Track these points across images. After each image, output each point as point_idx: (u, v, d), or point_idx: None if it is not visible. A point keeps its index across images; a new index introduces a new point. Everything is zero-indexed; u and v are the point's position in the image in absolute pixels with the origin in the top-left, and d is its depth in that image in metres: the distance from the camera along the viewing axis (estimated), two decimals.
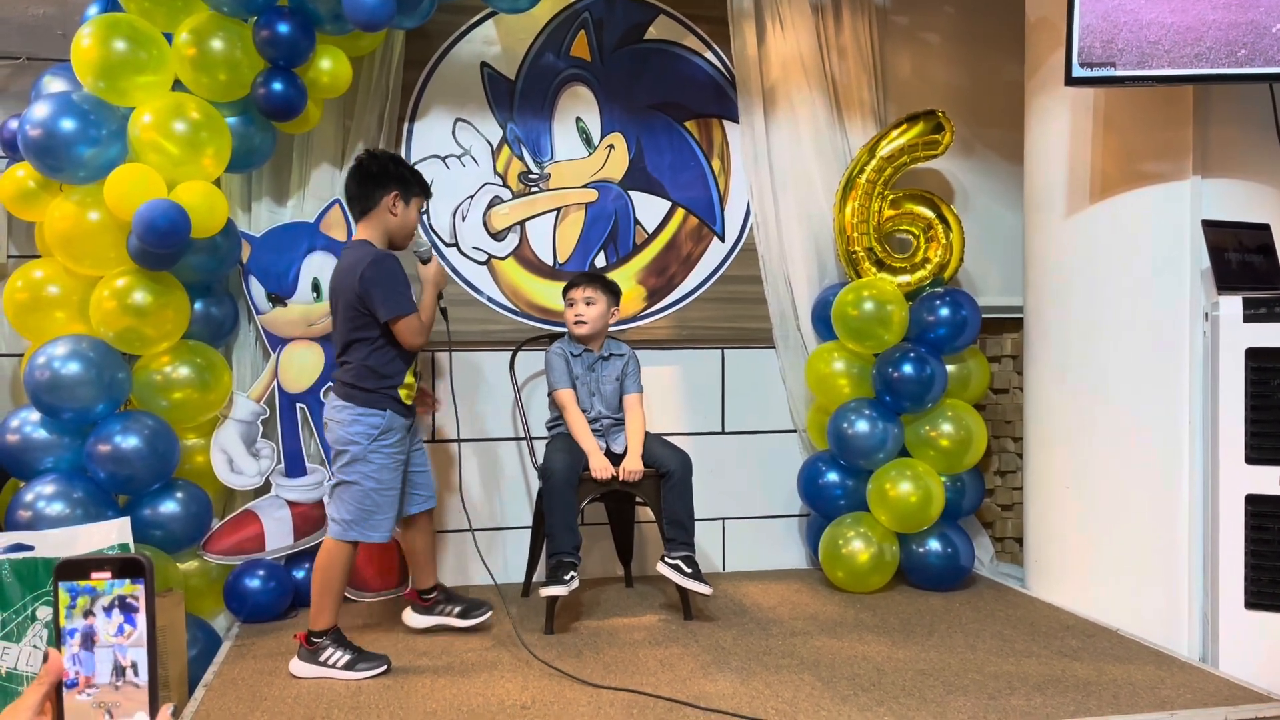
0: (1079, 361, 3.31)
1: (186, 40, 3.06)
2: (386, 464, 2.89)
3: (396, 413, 2.92)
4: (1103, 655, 2.89)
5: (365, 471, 2.86)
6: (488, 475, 3.85)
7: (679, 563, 3.20)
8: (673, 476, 3.26)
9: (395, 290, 2.85)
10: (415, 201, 2.99)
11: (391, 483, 2.91)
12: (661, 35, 3.98)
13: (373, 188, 2.94)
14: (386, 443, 2.89)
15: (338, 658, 2.79)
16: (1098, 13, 2.90)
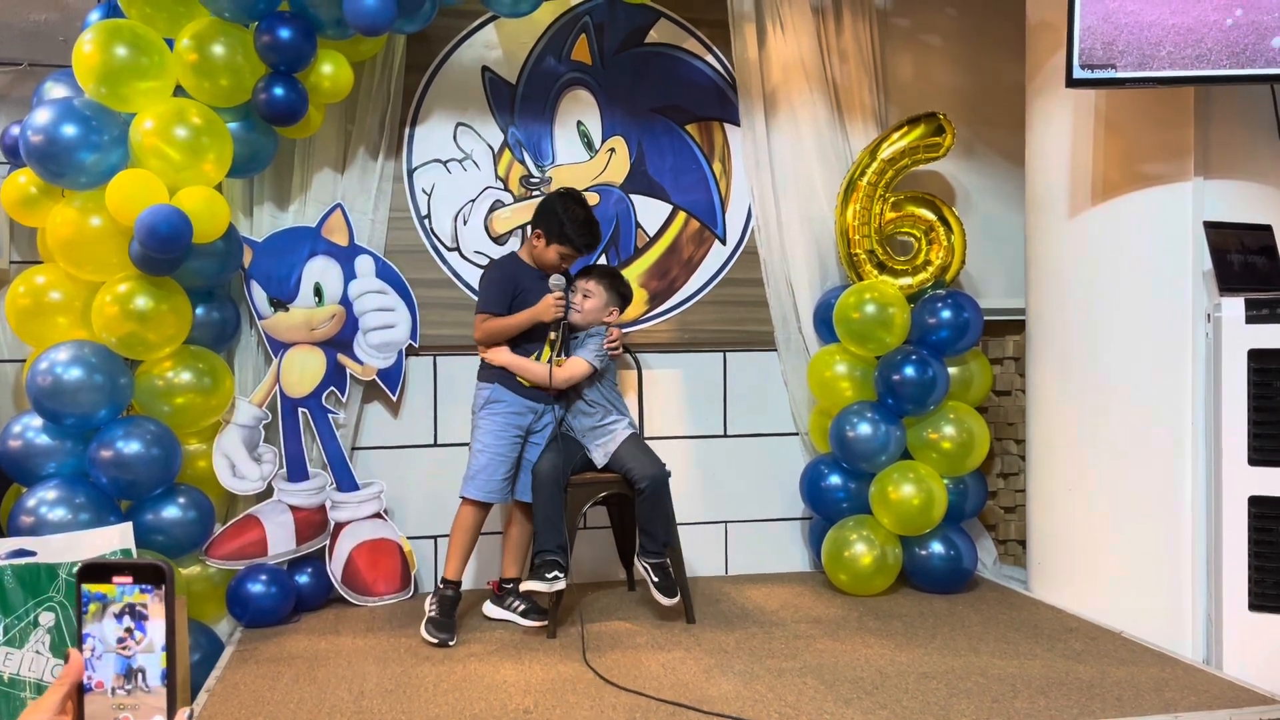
0: (1081, 363, 3.31)
1: (188, 46, 3.07)
2: (491, 428, 3.27)
3: (508, 388, 3.28)
4: (1106, 657, 2.89)
5: (476, 435, 3.30)
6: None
7: (648, 569, 3.24)
8: (644, 494, 3.21)
9: (485, 289, 3.34)
10: (557, 247, 3.31)
11: (494, 447, 3.26)
12: (662, 39, 3.98)
13: (536, 216, 3.39)
14: (494, 411, 3.28)
15: (431, 610, 3.18)
16: (1098, 14, 2.90)
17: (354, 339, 3.58)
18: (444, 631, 3.11)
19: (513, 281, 3.31)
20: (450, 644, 3.09)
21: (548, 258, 3.31)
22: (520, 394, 3.30)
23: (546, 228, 3.30)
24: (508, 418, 3.29)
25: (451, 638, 3.11)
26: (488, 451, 3.26)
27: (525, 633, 3.23)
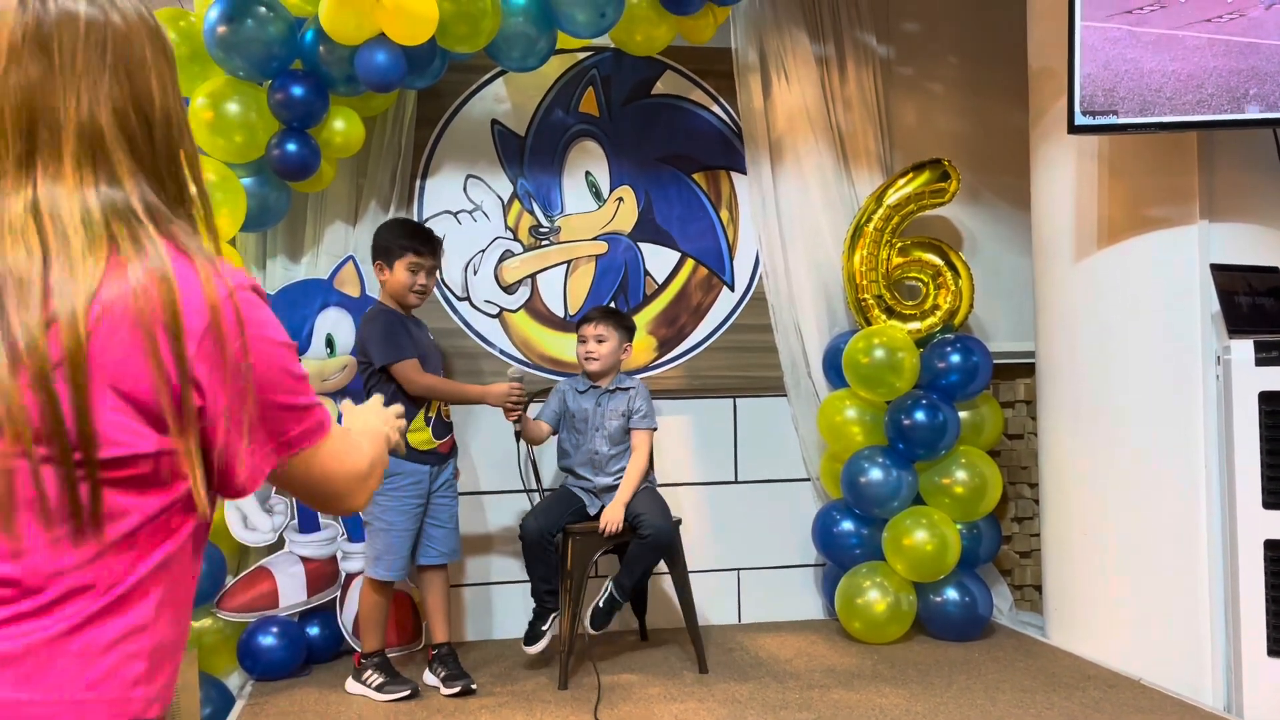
0: (1092, 406, 3.30)
1: (203, 104, 3.13)
2: (392, 505, 3.11)
3: (403, 458, 3.07)
4: (1125, 706, 2.85)
5: (374, 513, 3.13)
6: (497, 526, 3.84)
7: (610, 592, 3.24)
8: (645, 540, 3.21)
9: (386, 339, 3.12)
10: (401, 263, 3.18)
11: (399, 525, 3.12)
12: (668, 90, 4.04)
13: (373, 259, 3.26)
14: (391, 486, 3.10)
15: (373, 679, 3.11)
16: (1099, 62, 2.94)
17: None
18: (401, 684, 3.10)
19: (402, 325, 3.17)
20: (418, 692, 3.10)
21: (400, 281, 3.16)
22: (417, 460, 3.15)
23: (384, 255, 3.18)
24: (408, 490, 3.13)
25: (413, 685, 3.11)
26: (393, 531, 3.11)
27: (536, 685, 3.20)
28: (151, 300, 0.90)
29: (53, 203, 0.91)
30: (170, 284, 0.91)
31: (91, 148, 0.93)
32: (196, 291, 0.93)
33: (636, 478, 3.31)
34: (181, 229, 0.97)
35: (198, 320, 0.92)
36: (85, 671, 0.89)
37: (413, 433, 3.12)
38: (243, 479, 0.96)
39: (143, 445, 0.90)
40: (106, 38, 0.93)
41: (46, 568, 0.88)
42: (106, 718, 0.90)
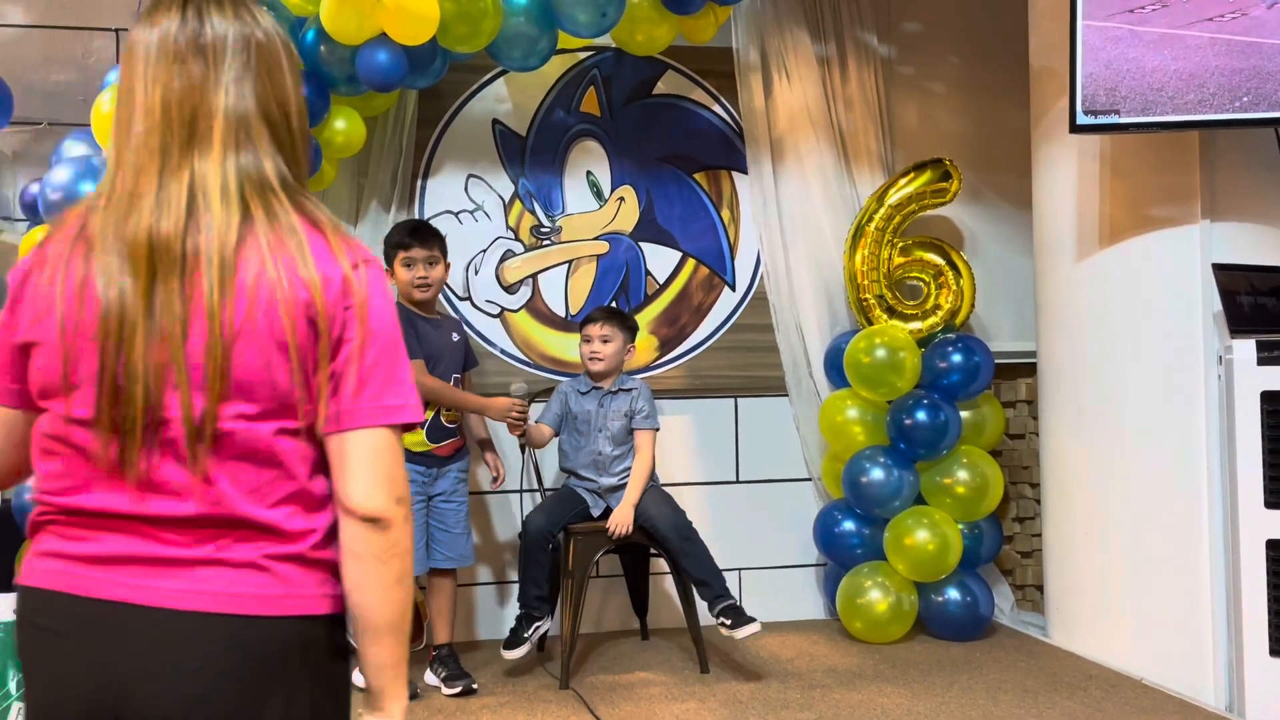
0: (1094, 406, 3.30)
1: None
2: None
3: None
4: (1127, 706, 2.85)
5: None
6: (504, 527, 3.84)
7: (721, 618, 3.16)
8: (671, 549, 3.22)
9: None
10: (395, 262, 3.22)
11: None
12: (669, 90, 4.04)
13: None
14: None
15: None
16: (1100, 61, 2.93)
17: None
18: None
19: (410, 325, 3.15)
20: (413, 694, 3.07)
21: (400, 278, 3.22)
22: (413, 462, 3.14)
23: (385, 259, 3.25)
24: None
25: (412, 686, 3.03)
26: None
27: (538, 685, 3.20)
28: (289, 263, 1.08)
29: (204, 178, 1.09)
30: (304, 249, 1.09)
31: (238, 133, 1.12)
32: (328, 258, 1.10)
33: (643, 478, 3.31)
34: (311, 201, 1.15)
35: (329, 284, 1.09)
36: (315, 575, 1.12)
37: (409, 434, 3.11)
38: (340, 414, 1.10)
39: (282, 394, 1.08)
40: (252, 46, 1.14)
41: None
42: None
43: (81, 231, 1.11)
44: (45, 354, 1.09)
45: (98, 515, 1.07)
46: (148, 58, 1.11)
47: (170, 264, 1.07)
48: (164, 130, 1.10)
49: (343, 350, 1.10)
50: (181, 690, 1.04)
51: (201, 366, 1.05)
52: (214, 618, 1.05)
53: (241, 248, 1.08)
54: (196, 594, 1.05)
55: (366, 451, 1.10)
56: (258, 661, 1.06)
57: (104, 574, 1.06)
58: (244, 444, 1.07)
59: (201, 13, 1.13)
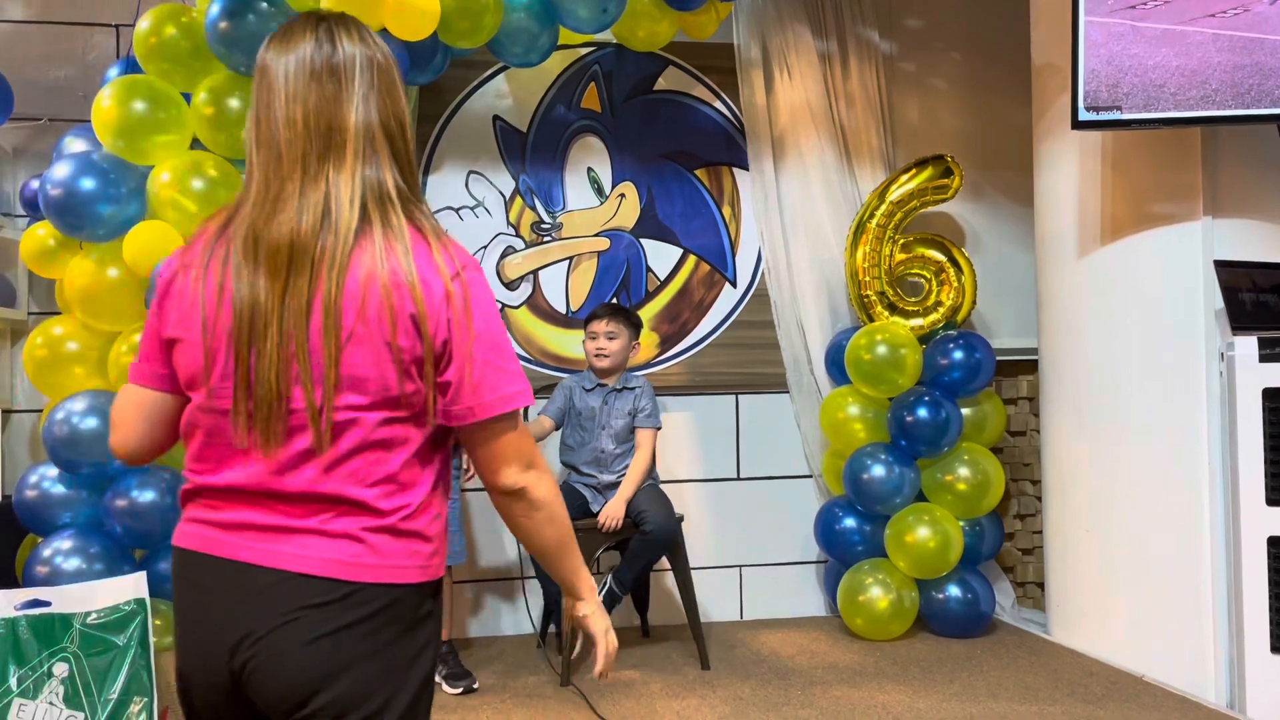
0: (1095, 403, 3.29)
1: (205, 100, 3.12)
2: None
3: None
4: (1128, 703, 2.84)
5: None
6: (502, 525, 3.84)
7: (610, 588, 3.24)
8: (647, 537, 3.23)
9: None
10: None
11: None
12: (670, 86, 4.03)
13: None
14: None
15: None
16: (1102, 57, 2.93)
17: None
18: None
19: None
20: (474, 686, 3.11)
21: None
22: None
23: None
24: None
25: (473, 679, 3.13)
26: None
27: (538, 681, 3.20)
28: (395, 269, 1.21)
29: (337, 186, 1.23)
30: (409, 256, 1.22)
31: (365, 145, 1.26)
32: (430, 265, 1.23)
33: (639, 475, 3.31)
34: (420, 210, 1.29)
35: (429, 290, 1.22)
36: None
37: None
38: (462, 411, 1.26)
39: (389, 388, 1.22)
40: (375, 68, 1.28)
41: None
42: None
43: (221, 235, 1.27)
44: (188, 350, 1.26)
45: (230, 491, 1.26)
46: (286, 77, 1.26)
47: (303, 265, 1.21)
48: (304, 141, 1.24)
49: (454, 355, 1.24)
50: (285, 638, 1.22)
51: (321, 361, 1.20)
52: (314, 579, 1.22)
53: (356, 251, 1.22)
54: (302, 558, 1.22)
55: (495, 437, 1.28)
56: (346, 618, 1.22)
57: (233, 538, 1.25)
58: (354, 432, 1.23)
59: (333, 38, 1.28)
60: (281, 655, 1.22)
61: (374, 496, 1.24)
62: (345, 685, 1.22)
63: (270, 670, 1.22)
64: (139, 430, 1.37)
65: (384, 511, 1.25)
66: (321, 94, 1.25)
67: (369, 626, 1.24)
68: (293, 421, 1.22)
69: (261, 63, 1.29)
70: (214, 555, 1.26)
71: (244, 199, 1.27)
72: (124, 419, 1.38)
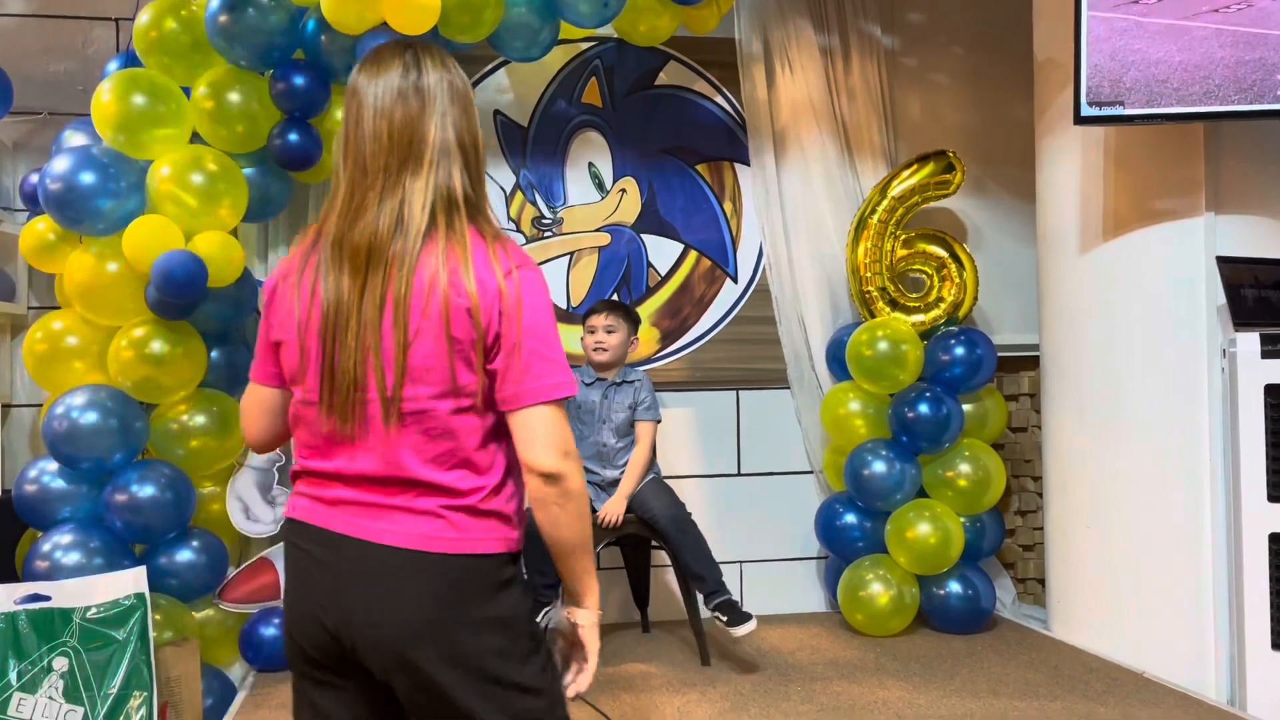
0: (1097, 399, 3.29)
1: (204, 94, 3.12)
2: None
3: None
4: (1129, 699, 2.84)
5: None
6: None
7: (718, 614, 3.17)
8: (670, 539, 3.22)
9: None
10: None
11: None
12: (672, 81, 4.02)
13: None
14: None
15: None
16: (1105, 52, 2.92)
17: None
18: None
19: None
20: None
21: None
22: None
23: None
24: None
25: None
26: None
27: None
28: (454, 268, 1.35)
29: (412, 193, 1.37)
30: (468, 257, 1.36)
31: (440, 158, 1.40)
32: (486, 266, 1.37)
33: (639, 470, 3.31)
34: (484, 217, 1.43)
35: (484, 288, 1.35)
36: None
37: None
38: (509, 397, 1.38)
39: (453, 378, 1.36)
40: (454, 88, 1.45)
41: None
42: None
43: (315, 244, 1.42)
44: (288, 349, 1.43)
45: (328, 474, 1.42)
46: (376, 96, 1.41)
47: (379, 264, 1.35)
48: (387, 153, 1.39)
49: (503, 345, 1.36)
50: (378, 601, 1.37)
51: (392, 354, 1.35)
52: (402, 551, 1.37)
53: (424, 253, 1.36)
54: (392, 533, 1.38)
55: (537, 423, 1.39)
56: (432, 584, 1.37)
57: (333, 512, 1.41)
58: (425, 420, 1.37)
59: (420, 63, 1.44)
60: (376, 618, 1.37)
61: (452, 479, 1.38)
62: (435, 645, 1.36)
63: (366, 631, 1.37)
64: (261, 423, 1.54)
65: (462, 492, 1.39)
66: (406, 111, 1.40)
67: (452, 593, 1.38)
68: (369, 410, 1.37)
69: (353, 85, 1.45)
70: (317, 526, 1.42)
71: (331, 209, 1.42)
72: (248, 413, 1.55)
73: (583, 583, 1.49)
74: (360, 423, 1.37)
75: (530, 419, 1.39)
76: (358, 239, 1.36)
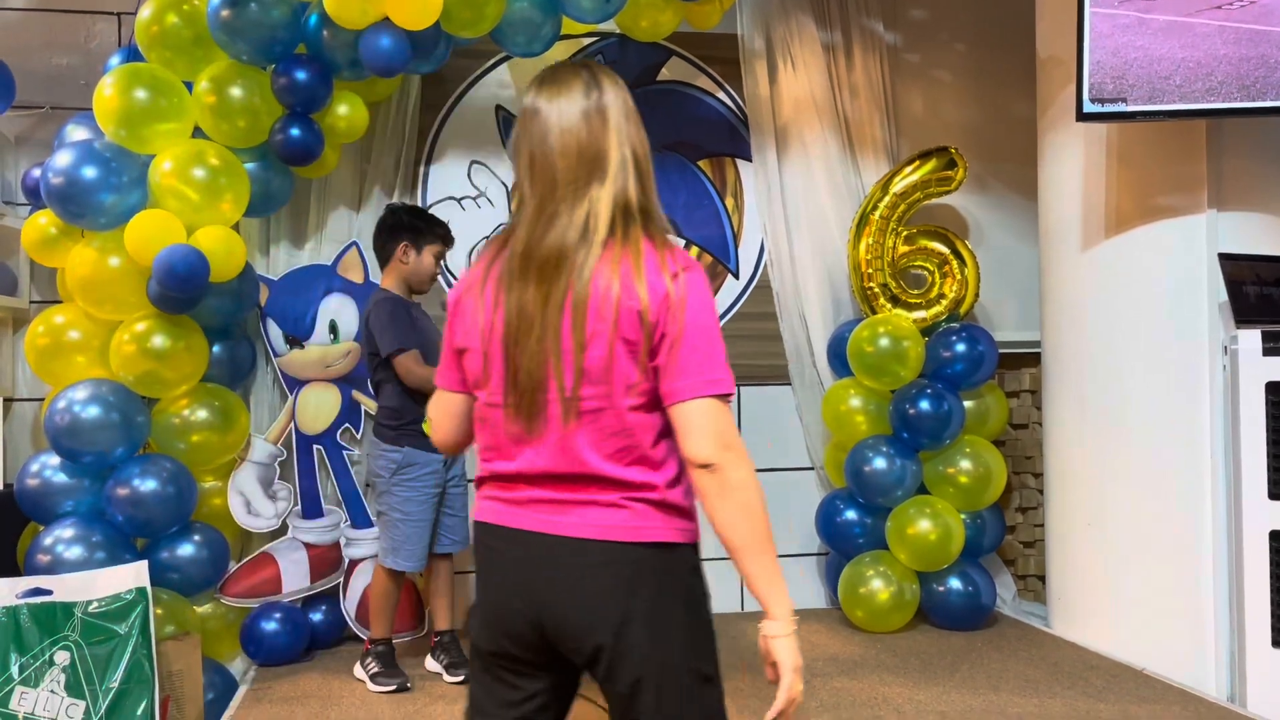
0: (1098, 396, 3.28)
1: (206, 88, 3.12)
2: (410, 496, 3.11)
3: (417, 448, 3.09)
4: (1128, 696, 2.84)
5: (391, 504, 3.12)
6: None
7: None
8: None
9: (392, 328, 3.08)
10: (430, 249, 3.20)
11: (417, 515, 3.12)
12: (674, 76, 4.02)
13: (387, 239, 3.23)
14: (407, 477, 3.11)
15: (371, 667, 3.11)
16: (1107, 49, 2.91)
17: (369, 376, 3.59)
18: (393, 677, 3.07)
19: (407, 314, 3.15)
20: (408, 686, 3.06)
21: (426, 266, 3.20)
22: (431, 450, 3.08)
23: (413, 237, 3.18)
24: (425, 480, 3.12)
25: (408, 680, 3.08)
26: (411, 521, 3.10)
27: None
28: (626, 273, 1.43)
29: (596, 204, 1.47)
30: (639, 262, 1.44)
31: (620, 171, 1.49)
32: (656, 271, 1.45)
33: None
34: (655, 224, 1.51)
35: (654, 292, 1.43)
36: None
37: (427, 421, 3.08)
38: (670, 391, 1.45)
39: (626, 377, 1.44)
40: (626, 105, 1.54)
41: None
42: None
43: (497, 256, 1.52)
44: (472, 356, 1.52)
45: (515, 476, 1.50)
46: (562, 115, 1.51)
47: (563, 271, 1.44)
48: (576, 169, 1.48)
49: (667, 342, 1.43)
50: (572, 589, 1.46)
51: (571, 356, 1.43)
52: (591, 542, 1.45)
53: (601, 260, 1.44)
54: (580, 525, 1.46)
55: (698, 416, 1.43)
56: (621, 572, 1.45)
57: (524, 512, 1.50)
58: (601, 418, 1.45)
59: (600, 84, 1.53)
60: (570, 605, 1.46)
61: (631, 474, 1.46)
62: (626, 629, 1.44)
63: (562, 618, 1.46)
64: (447, 426, 1.64)
65: (641, 485, 1.46)
66: (591, 129, 1.50)
67: (640, 580, 1.46)
68: (550, 410, 1.45)
69: (533, 105, 1.54)
70: (508, 526, 1.51)
71: (519, 221, 1.51)
72: (437, 417, 1.66)
73: (762, 588, 1.47)
74: (542, 422, 1.45)
75: (689, 411, 1.44)
76: (546, 249, 1.46)
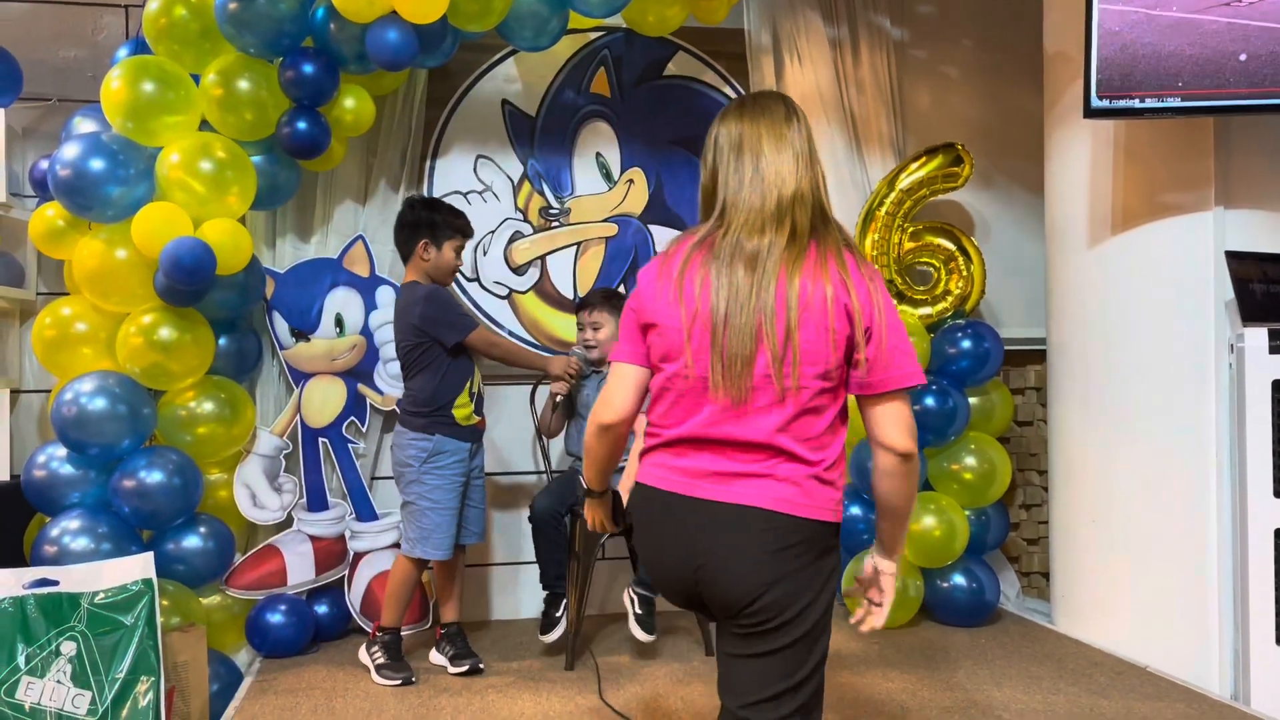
0: (1103, 393, 3.28)
1: (214, 81, 3.12)
2: (440, 484, 3.11)
3: (448, 436, 3.13)
4: (1132, 693, 2.84)
5: (420, 492, 3.11)
6: (509, 508, 3.85)
7: (634, 599, 3.23)
8: None
9: (454, 315, 3.15)
10: (449, 243, 3.19)
11: (447, 503, 3.12)
12: (680, 71, 4.02)
13: (407, 236, 3.21)
14: (438, 465, 3.11)
15: (376, 657, 3.10)
16: (1116, 45, 2.91)
17: (374, 369, 3.60)
18: (398, 671, 3.06)
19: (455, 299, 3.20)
20: (413, 681, 3.05)
21: (448, 260, 3.19)
22: (460, 438, 3.15)
23: (432, 232, 3.17)
24: (453, 469, 3.13)
25: (413, 674, 3.07)
26: (440, 509, 3.10)
27: (544, 665, 3.21)
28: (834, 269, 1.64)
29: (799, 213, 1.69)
30: (844, 263, 1.65)
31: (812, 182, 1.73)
32: (857, 272, 1.66)
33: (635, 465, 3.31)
34: (843, 230, 1.74)
35: (859, 289, 1.64)
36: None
37: (458, 408, 3.13)
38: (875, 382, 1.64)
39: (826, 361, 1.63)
40: (808, 128, 1.78)
41: None
42: None
43: (699, 247, 1.70)
44: (665, 333, 1.69)
45: (693, 440, 1.69)
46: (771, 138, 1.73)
47: (775, 264, 1.64)
48: (778, 186, 1.69)
49: (872, 339, 1.62)
50: (736, 554, 1.64)
51: (781, 340, 1.61)
52: (761, 511, 1.63)
53: (804, 260, 1.64)
54: (755, 494, 1.64)
55: (898, 407, 1.65)
56: (783, 542, 1.63)
57: (694, 480, 1.68)
58: (799, 397, 1.62)
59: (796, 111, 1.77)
60: (731, 568, 1.64)
61: (807, 450, 1.64)
62: (777, 593, 1.62)
63: (722, 578, 1.64)
64: (630, 398, 1.80)
65: (814, 463, 1.64)
66: (795, 151, 1.72)
67: (797, 550, 1.64)
68: (754, 383, 1.62)
69: (739, 128, 1.75)
70: (678, 493, 1.69)
71: (729, 222, 1.70)
72: (617, 392, 1.81)
73: (898, 540, 1.78)
74: (747, 393, 1.62)
75: (892, 403, 1.65)
76: (758, 244, 1.66)
